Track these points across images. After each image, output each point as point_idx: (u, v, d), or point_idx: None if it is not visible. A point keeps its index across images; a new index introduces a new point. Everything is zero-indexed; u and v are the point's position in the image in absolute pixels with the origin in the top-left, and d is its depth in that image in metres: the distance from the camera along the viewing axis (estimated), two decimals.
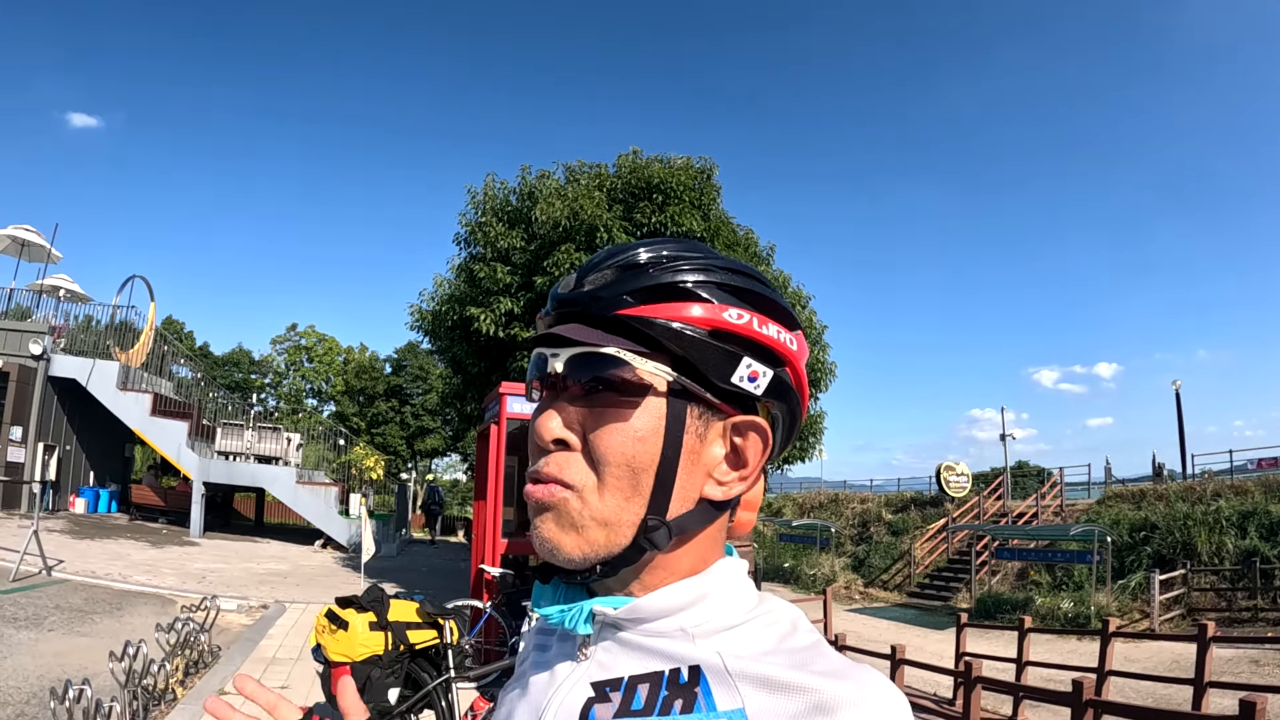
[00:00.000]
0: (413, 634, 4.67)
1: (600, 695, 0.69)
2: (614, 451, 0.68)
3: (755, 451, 0.72)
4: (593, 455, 0.69)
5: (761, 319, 0.71)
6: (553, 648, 0.79)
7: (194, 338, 50.62)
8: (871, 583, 25.49)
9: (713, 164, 14.63)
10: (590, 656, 0.73)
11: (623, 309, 0.69)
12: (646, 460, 0.69)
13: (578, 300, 0.72)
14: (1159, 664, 12.34)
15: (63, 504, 21.01)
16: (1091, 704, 6.26)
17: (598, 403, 0.69)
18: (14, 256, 23.53)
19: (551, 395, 0.72)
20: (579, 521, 0.69)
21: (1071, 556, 19.61)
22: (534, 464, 0.72)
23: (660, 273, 0.70)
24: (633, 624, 0.71)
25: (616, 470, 0.68)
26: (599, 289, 0.71)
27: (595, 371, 0.68)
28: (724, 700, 0.64)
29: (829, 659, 0.65)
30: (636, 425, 0.69)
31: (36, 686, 6.73)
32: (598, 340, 0.68)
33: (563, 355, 0.70)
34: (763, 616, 0.72)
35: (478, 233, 14.82)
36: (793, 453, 15.56)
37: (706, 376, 0.69)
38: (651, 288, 0.70)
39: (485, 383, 14.19)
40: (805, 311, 15.28)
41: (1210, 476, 24.27)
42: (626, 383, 0.68)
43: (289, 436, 23.09)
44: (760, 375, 0.71)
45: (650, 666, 0.69)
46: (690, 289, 0.70)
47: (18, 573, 10.81)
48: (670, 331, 0.68)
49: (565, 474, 0.69)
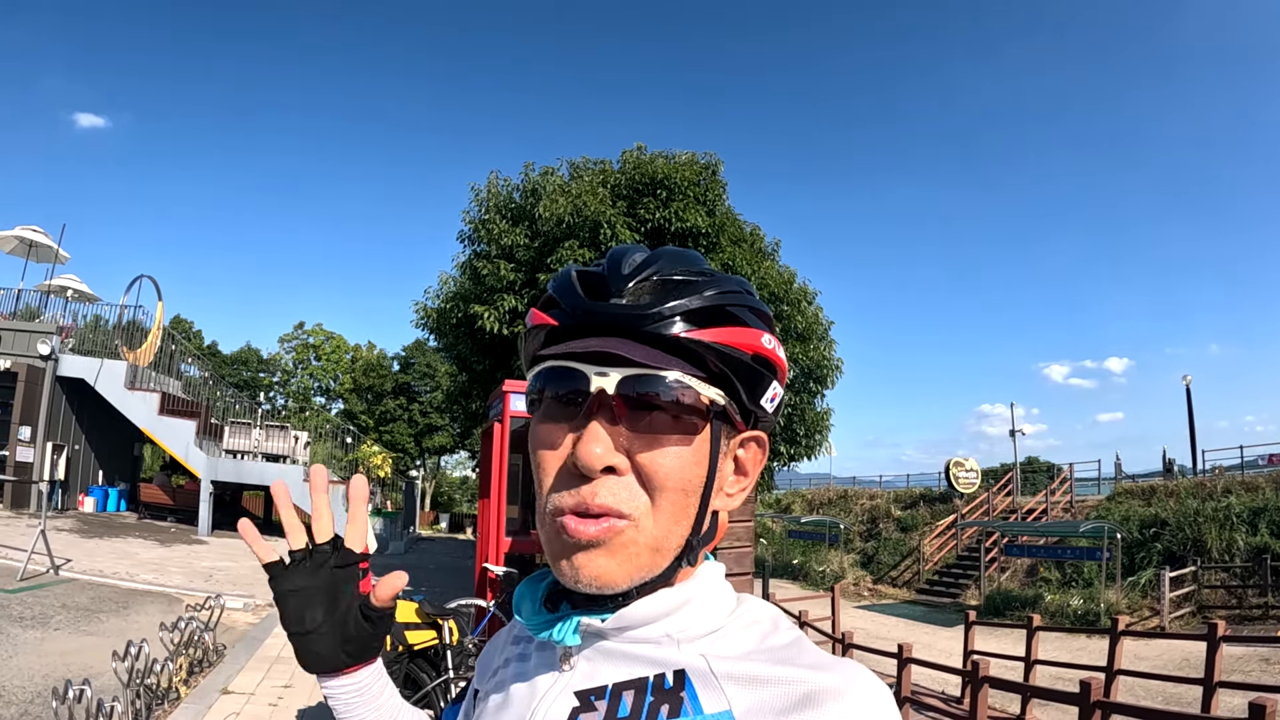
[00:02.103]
0: (412, 635, 4.66)
1: (585, 704, 0.69)
2: (673, 477, 0.67)
3: (756, 462, 0.76)
4: (645, 480, 0.67)
5: (778, 342, 0.73)
6: (533, 657, 0.77)
7: (202, 337, 50.88)
8: (880, 579, 25.49)
9: (718, 160, 14.57)
10: (573, 666, 0.72)
11: (680, 331, 0.67)
12: (697, 483, 0.69)
13: (626, 315, 0.68)
14: (1169, 662, 12.28)
15: (72, 503, 21.09)
16: (1099, 704, 6.21)
17: (649, 426, 0.67)
18: (22, 257, 23.68)
19: (580, 416, 0.68)
20: (633, 550, 0.67)
21: (1081, 553, 19.55)
22: (569, 492, 0.67)
23: (708, 294, 0.69)
24: (617, 632, 0.70)
25: (672, 495, 0.67)
26: (648, 306, 0.68)
27: (655, 393, 0.66)
28: (710, 703, 0.64)
29: (811, 654, 0.66)
30: (692, 450, 0.68)
31: (41, 686, 6.74)
32: (659, 363, 0.66)
33: (614, 375, 0.66)
34: (743, 617, 0.72)
35: (481, 230, 14.79)
36: (799, 450, 15.49)
37: (744, 400, 0.71)
38: (703, 310, 0.69)
39: (490, 380, 14.18)
40: (812, 307, 15.18)
41: (1221, 472, 24.13)
42: (687, 407, 0.67)
43: (297, 435, 23.14)
44: (777, 396, 0.74)
45: (635, 673, 0.68)
46: (735, 313, 0.70)
47: (25, 572, 10.85)
48: (725, 357, 0.69)
49: (621, 502, 0.66)
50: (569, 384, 0.68)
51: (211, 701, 6.83)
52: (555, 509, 0.68)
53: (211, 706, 6.71)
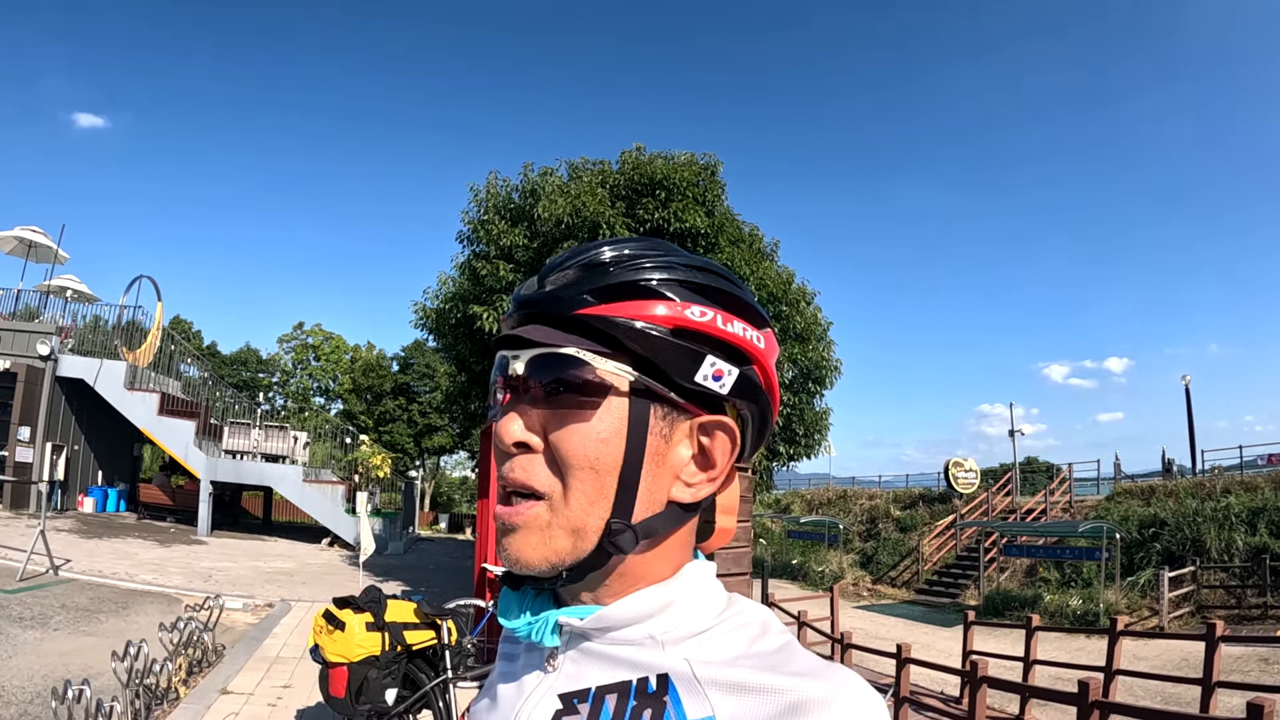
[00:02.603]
0: (410, 634, 4.66)
1: (568, 707, 0.68)
2: (577, 454, 0.66)
3: (723, 452, 0.71)
4: (556, 458, 0.67)
5: (726, 316, 0.69)
6: (520, 658, 0.77)
7: (201, 337, 50.83)
8: (879, 579, 25.48)
9: (717, 160, 14.60)
10: (558, 668, 0.71)
11: (583, 308, 0.67)
12: (610, 462, 0.67)
13: (539, 300, 0.70)
14: (1168, 662, 12.29)
15: (71, 503, 21.11)
16: (1098, 704, 6.22)
17: (559, 404, 0.67)
18: (21, 257, 23.69)
19: (515, 398, 0.70)
20: (547, 531, 0.67)
21: (1080, 553, 19.56)
22: (500, 471, 0.70)
23: (621, 271, 0.68)
24: (600, 633, 0.70)
25: (582, 474, 0.67)
26: (559, 289, 0.69)
27: (556, 372, 0.67)
28: (693, 709, 0.62)
29: (800, 659, 0.64)
30: (598, 427, 0.67)
31: (41, 686, 6.75)
32: (557, 341, 0.67)
33: (524, 356, 0.68)
34: (731, 619, 0.70)
35: (480, 230, 14.82)
36: (798, 450, 15.52)
37: (670, 376, 0.67)
38: (612, 286, 0.68)
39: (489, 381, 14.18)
40: (810, 308, 15.22)
41: (1220, 472, 24.11)
42: (587, 383, 0.66)
43: (296, 435, 23.16)
44: (725, 374, 0.69)
45: (618, 676, 0.67)
46: (653, 287, 0.68)
47: (24, 572, 10.86)
48: (631, 330, 0.66)
49: (531, 479, 0.67)
50: (498, 371, 0.72)
51: (211, 701, 6.83)
52: (499, 493, 0.71)
53: (210, 706, 6.71)
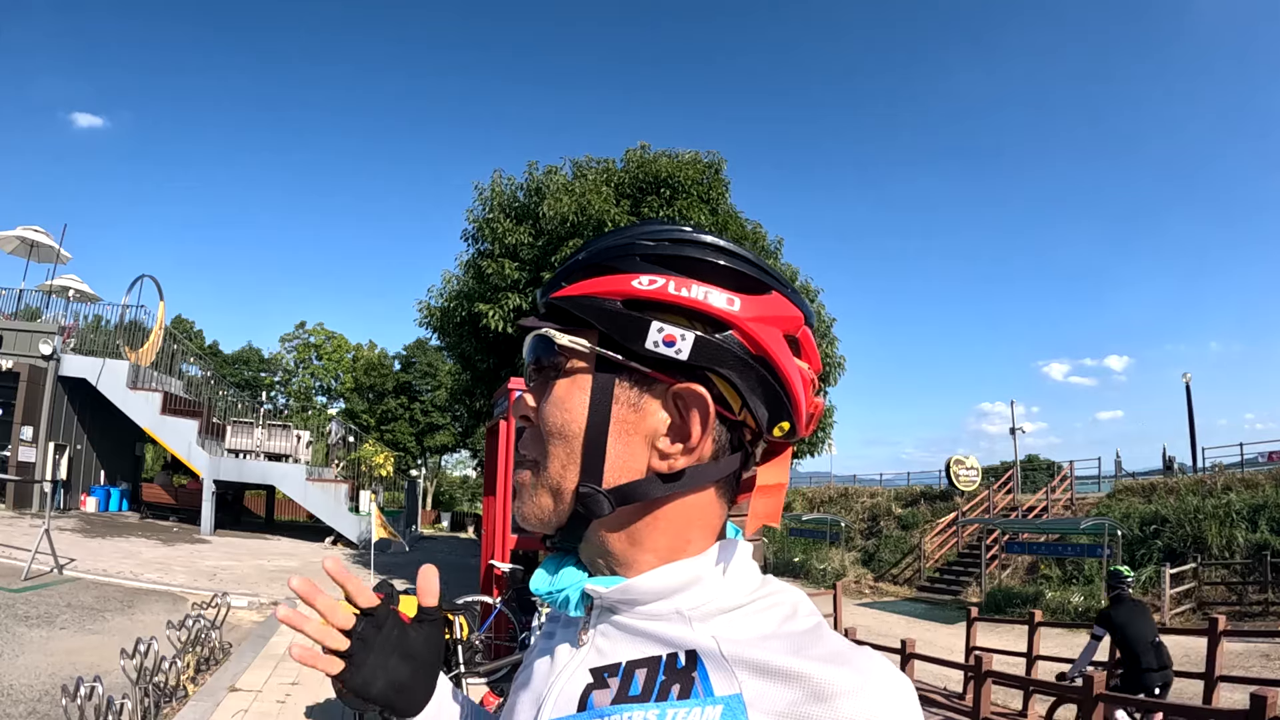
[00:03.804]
0: None
1: (598, 681, 0.70)
2: (550, 422, 0.74)
3: (696, 421, 0.70)
4: (539, 429, 0.75)
5: (682, 281, 0.70)
6: (557, 634, 0.80)
7: (203, 336, 50.86)
8: (881, 577, 25.47)
9: (721, 158, 14.65)
10: (589, 642, 0.74)
11: (555, 292, 0.75)
12: (575, 428, 0.72)
13: (542, 291, 0.79)
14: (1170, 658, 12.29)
15: (74, 503, 21.10)
16: (1102, 698, 6.25)
17: (542, 380, 0.76)
18: (23, 257, 23.70)
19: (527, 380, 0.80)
20: (533, 492, 0.76)
21: (1082, 550, 19.54)
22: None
23: (590, 254, 0.76)
24: (627, 606, 0.72)
25: (554, 440, 0.74)
26: (549, 280, 0.79)
27: (537, 352, 0.76)
28: (721, 685, 0.64)
29: (829, 643, 0.65)
30: (561, 395, 0.74)
31: (48, 684, 6.77)
32: (537, 324, 0.75)
33: (527, 342, 0.77)
34: (763, 599, 0.72)
35: (485, 229, 14.84)
36: (801, 447, 15.54)
37: (627, 345, 0.70)
38: (576, 267, 0.76)
39: (494, 379, 14.22)
40: (814, 305, 15.25)
41: (1221, 469, 24.14)
42: (555, 359, 0.74)
43: (299, 434, 23.17)
44: (678, 339, 0.69)
45: (648, 651, 0.69)
46: (609, 264, 0.73)
47: (29, 571, 10.87)
48: (582, 304, 0.72)
49: (526, 447, 0.77)
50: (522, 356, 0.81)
51: (219, 699, 6.85)
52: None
53: (219, 704, 6.74)
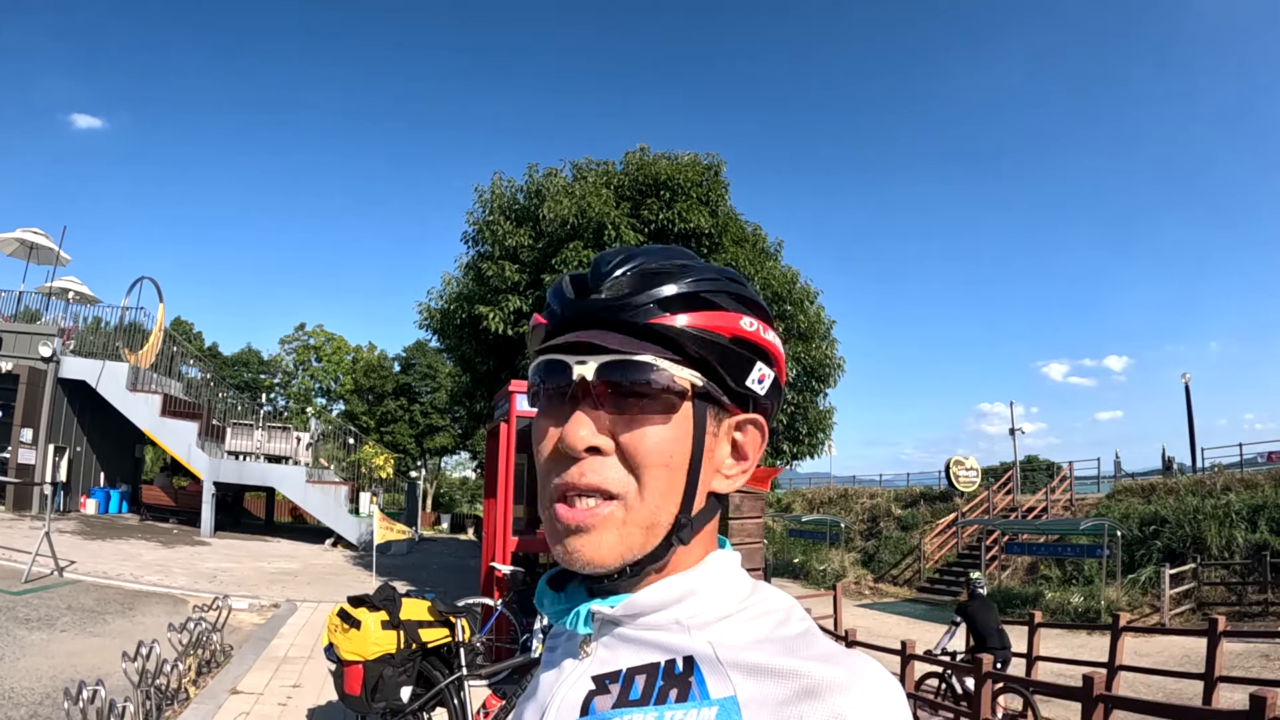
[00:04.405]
0: (425, 632, 4.69)
1: (600, 688, 0.73)
2: (654, 454, 0.71)
3: (755, 445, 0.78)
4: (629, 459, 0.71)
5: (764, 325, 0.77)
6: (560, 648, 0.82)
7: (203, 338, 50.84)
8: (881, 578, 25.49)
9: (720, 160, 14.65)
10: (591, 653, 0.76)
11: (653, 318, 0.72)
12: (680, 461, 0.72)
13: (604, 308, 0.74)
14: (1170, 658, 12.30)
15: (74, 505, 21.10)
16: (1102, 699, 6.25)
17: (630, 408, 0.71)
18: (22, 259, 23.68)
19: (569, 402, 0.73)
20: (622, 530, 0.72)
21: (1081, 551, 19.57)
22: (559, 475, 0.73)
23: (682, 283, 0.74)
24: (630, 619, 0.74)
25: (656, 472, 0.71)
26: (624, 297, 0.73)
27: (631, 377, 0.71)
28: (716, 688, 0.66)
29: (820, 645, 0.68)
30: (672, 428, 0.72)
31: (50, 687, 6.76)
32: (632, 348, 0.71)
33: (592, 362, 0.71)
34: (755, 606, 0.75)
35: (485, 231, 14.85)
36: (802, 449, 15.55)
37: (726, 380, 0.74)
38: (677, 297, 0.73)
39: (494, 381, 14.22)
40: (814, 307, 15.26)
41: (1220, 470, 24.16)
42: (663, 388, 0.71)
43: (298, 436, 23.15)
44: (766, 378, 0.77)
45: (647, 659, 0.72)
46: (711, 299, 0.74)
47: (30, 574, 10.86)
48: (701, 340, 0.72)
49: (607, 481, 0.71)
50: (555, 375, 0.73)
51: (221, 701, 6.85)
52: (550, 495, 0.74)
53: (221, 706, 6.73)
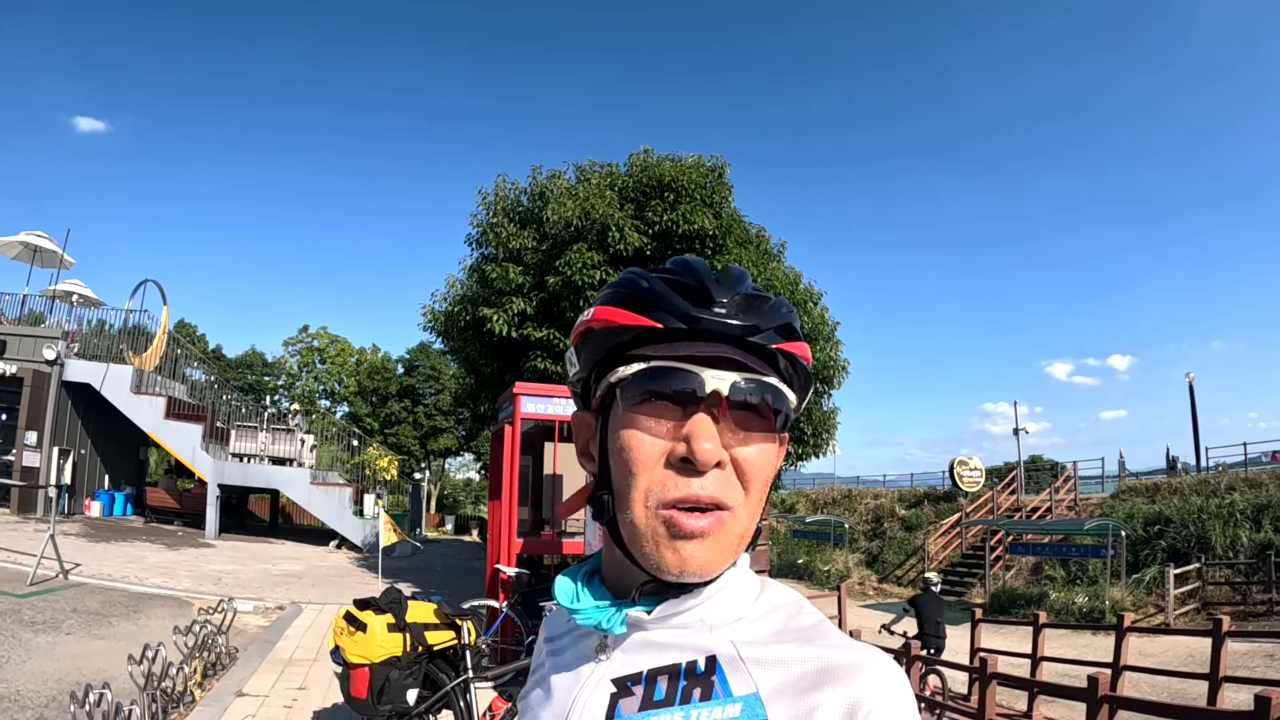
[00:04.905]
0: (431, 635, 4.69)
1: (623, 690, 0.73)
2: (763, 471, 0.75)
3: (779, 461, 0.80)
4: (741, 473, 0.73)
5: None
6: (568, 650, 0.82)
7: (207, 341, 50.84)
8: (885, 578, 25.43)
9: (724, 162, 14.62)
10: (610, 656, 0.76)
11: (777, 343, 0.75)
12: (771, 476, 0.77)
13: (737, 328, 0.74)
14: (1174, 658, 12.29)
15: (78, 507, 21.16)
16: (1107, 699, 6.24)
17: (745, 425, 0.74)
18: (26, 262, 23.72)
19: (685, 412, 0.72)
20: (730, 540, 0.73)
21: (1086, 551, 19.53)
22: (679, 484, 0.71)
23: (783, 311, 0.77)
24: (661, 620, 0.75)
25: (760, 487, 0.75)
26: (751, 319, 0.74)
27: (758, 397, 0.73)
28: (739, 685, 0.68)
29: (832, 635, 0.72)
30: (774, 448, 0.76)
31: (55, 690, 6.77)
32: (764, 370, 0.75)
33: (728, 378, 0.72)
34: (768, 602, 0.78)
35: (489, 233, 14.86)
36: (806, 449, 15.55)
37: (800, 405, 0.81)
38: (785, 326, 0.76)
39: (498, 383, 14.22)
40: (817, 308, 15.24)
41: (1224, 469, 24.11)
42: (773, 409, 0.74)
43: (303, 438, 23.17)
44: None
45: (669, 659, 0.73)
46: (797, 329, 0.78)
47: (35, 576, 10.88)
48: (802, 369, 0.78)
49: (726, 495, 0.72)
50: (681, 383, 0.72)
51: (226, 704, 6.86)
52: (661, 500, 0.71)
53: (227, 709, 6.75)
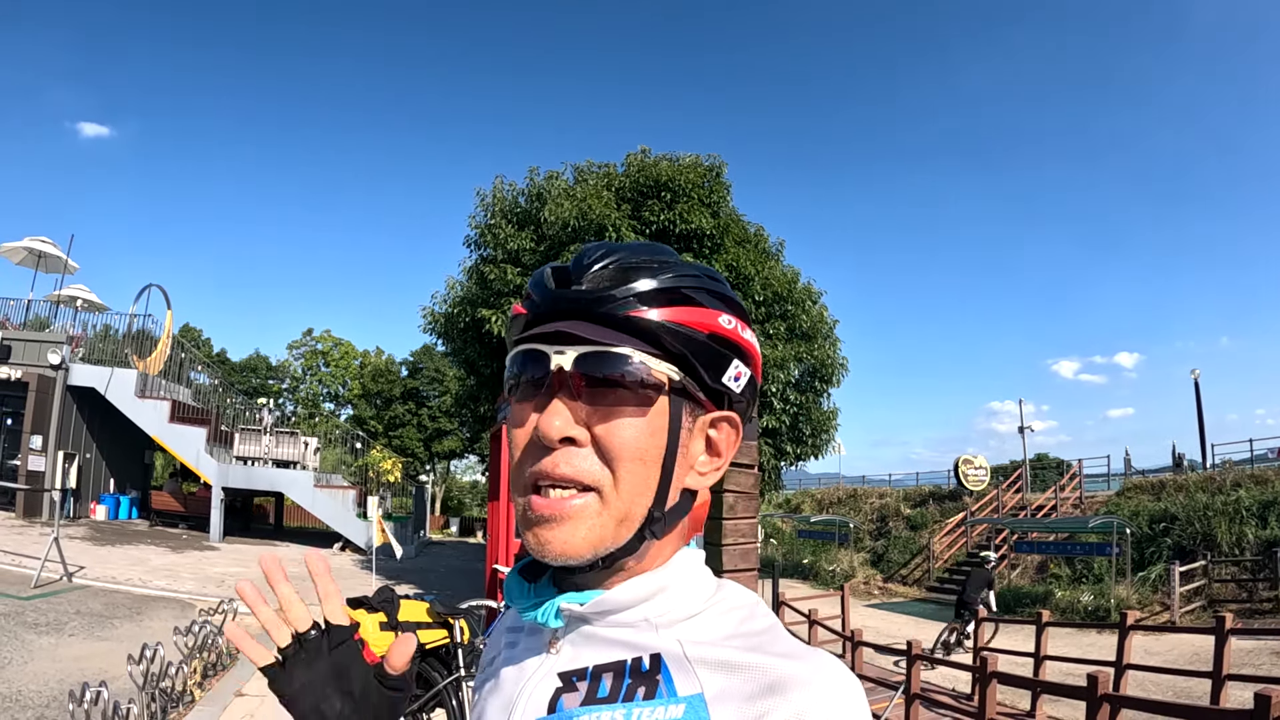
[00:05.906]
0: (423, 634, 4.70)
1: (567, 685, 0.73)
2: (629, 447, 0.71)
3: (728, 443, 0.78)
4: (604, 451, 0.71)
5: (742, 324, 0.76)
6: (521, 643, 0.82)
7: (211, 344, 50.99)
8: (890, 578, 25.40)
9: (721, 162, 14.61)
10: (559, 650, 0.76)
11: (632, 311, 0.71)
12: (654, 455, 0.72)
13: (582, 299, 0.72)
14: (1180, 656, 12.24)
15: (84, 511, 21.25)
16: (1107, 698, 6.23)
17: (606, 400, 0.71)
18: (31, 268, 23.82)
19: (545, 393, 0.72)
20: (595, 522, 0.71)
21: (1091, 549, 19.47)
22: (534, 465, 0.72)
23: (663, 278, 0.73)
24: (599, 617, 0.74)
25: (631, 465, 0.71)
26: (603, 290, 0.72)
27: (608, 369, 0.70)
28: (683, 685, 0.67)
29: (784, 642, 0.70)
30: (648, 422, 0.71)
31: (56, 690, 6.82)
32: (610, 340, 0.70)
33: (570, 353, 0.70)
34: (722, 602, 0.76)
35: (487, 235, 14.88)
36: (805, 450, 15.51)
37: (703, 377, 0.74)
38: (656, 291, 0.72)
39: (498, 384, 14.22)
40: (816, 307, 15.22)
41: (1230, 466, 23.98)
42: (641, 381, 0.70)
43: (307, 441, 23.23)
44: (742, 376, 0.76)
45: (614, 656, 0.72)
46: (691, 295, 0.73)
47: (39, 579, 10.95)
48: (679, 335, 0.72)
49: (581, 472, 0.70)
50: (533, 365, 0.73)
51: (226, 704, 6.89)
52: (522, 485, 0.73)
53: (226, 709, 6.78)
